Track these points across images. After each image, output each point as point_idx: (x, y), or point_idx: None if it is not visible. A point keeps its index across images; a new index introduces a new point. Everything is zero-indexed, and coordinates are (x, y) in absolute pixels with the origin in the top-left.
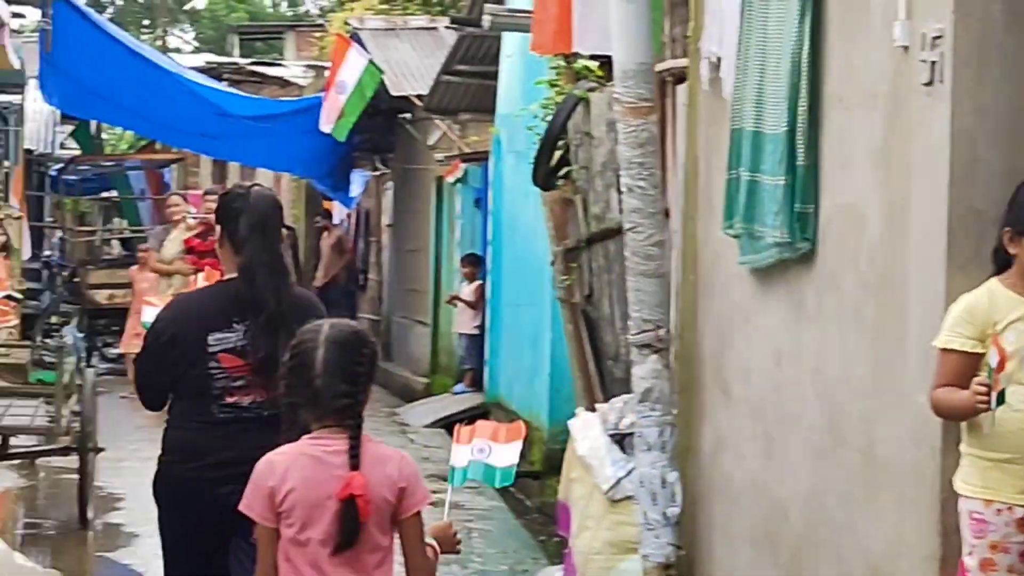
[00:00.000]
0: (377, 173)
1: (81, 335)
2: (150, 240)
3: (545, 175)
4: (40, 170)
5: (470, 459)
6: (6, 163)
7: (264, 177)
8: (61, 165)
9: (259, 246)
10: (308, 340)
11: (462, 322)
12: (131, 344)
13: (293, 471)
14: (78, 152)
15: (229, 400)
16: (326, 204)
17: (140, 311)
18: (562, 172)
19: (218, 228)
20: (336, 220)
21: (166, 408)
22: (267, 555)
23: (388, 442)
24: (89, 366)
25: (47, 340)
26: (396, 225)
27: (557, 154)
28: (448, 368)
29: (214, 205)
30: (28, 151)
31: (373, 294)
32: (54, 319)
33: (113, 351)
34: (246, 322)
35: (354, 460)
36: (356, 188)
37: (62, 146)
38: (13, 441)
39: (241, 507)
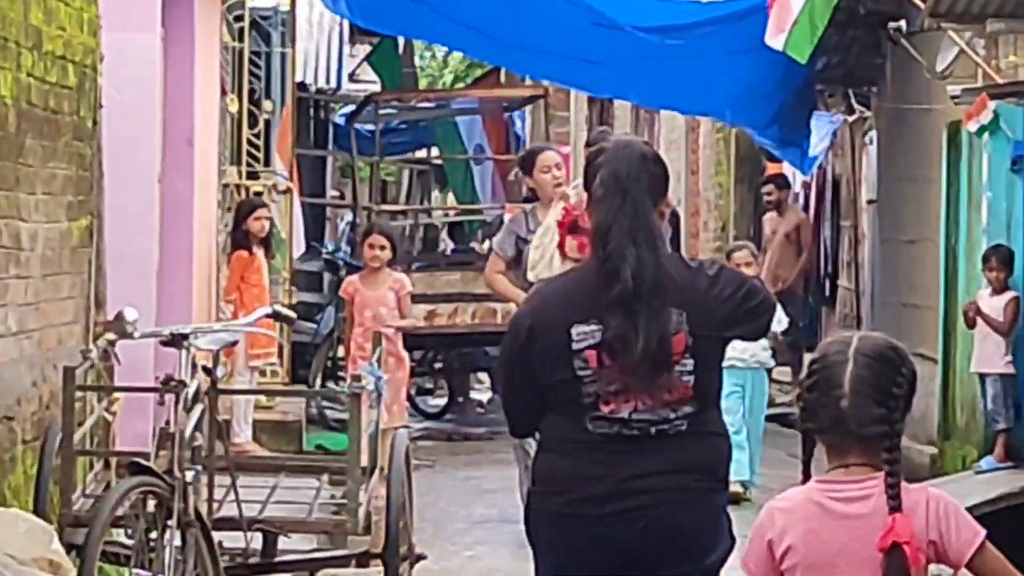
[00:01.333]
0: (852, 118)
1: (387, 376)
2: (497, 239)
3: None
4: (320, 116)
5: None
6: (266, 104)
7: (671, 125)
8: (352, 108)
9: (615, 209)
10: (834, 352)
11: (987, 356)
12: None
13: (795, 522)
14: (377, 88)
15: (604, 410)
16: (772, 167)
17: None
18: None
19: (585, 196)
20: (792, 192)
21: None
22: None
23: None
24: (404, 426)
25: (331, 384)
26: (883, 201)
27: None
28: (968, 430)
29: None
30: (301, 86)
31: (846, 311)
32: (341, 351)
33: (435, 401)
34: (609, 310)
35: (894, 501)
36: (818, 142)
37: (352, 79)
38: (284, 543)
39: (740, 563)
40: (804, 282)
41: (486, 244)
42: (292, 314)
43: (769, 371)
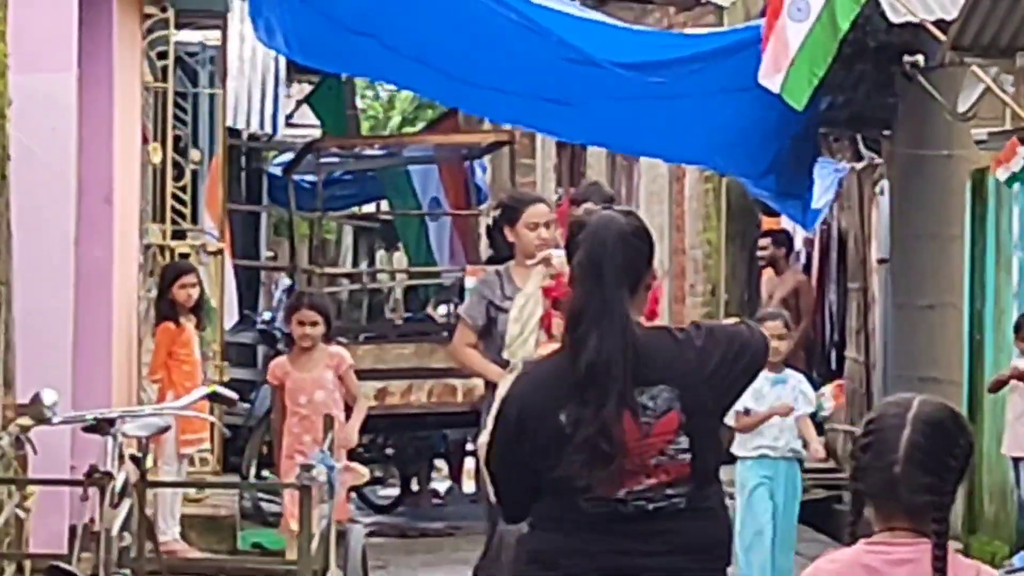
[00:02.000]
0: (860, 165)
1: (338, 466)
2: (466, 306)
3: None
4: (252, 166)
5: None
6: (194, 153)
7: (652, 175)
8: (290, 157)
9: (586, 294)
10: (892, 415)
11: (1020, 437)
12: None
13: None
14: (318, 134)
15: (599, 492)
16: (769, 221)
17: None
18: None
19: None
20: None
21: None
22: None
23: None
24: (351, 520)
25: (267, 473)
26: (896, 260)
27: None
28: (998, 522)
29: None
30: (232, 131)
31: (855, 385)
32: None
33: (385, 491)
34: (569, 398)
35: (941, 568)
36: (823, 193)
37: (289, 123)
38: None
39: None
40: (805, 354)
41: (441, 310)
42: (233, 395)
43: (801, 463)
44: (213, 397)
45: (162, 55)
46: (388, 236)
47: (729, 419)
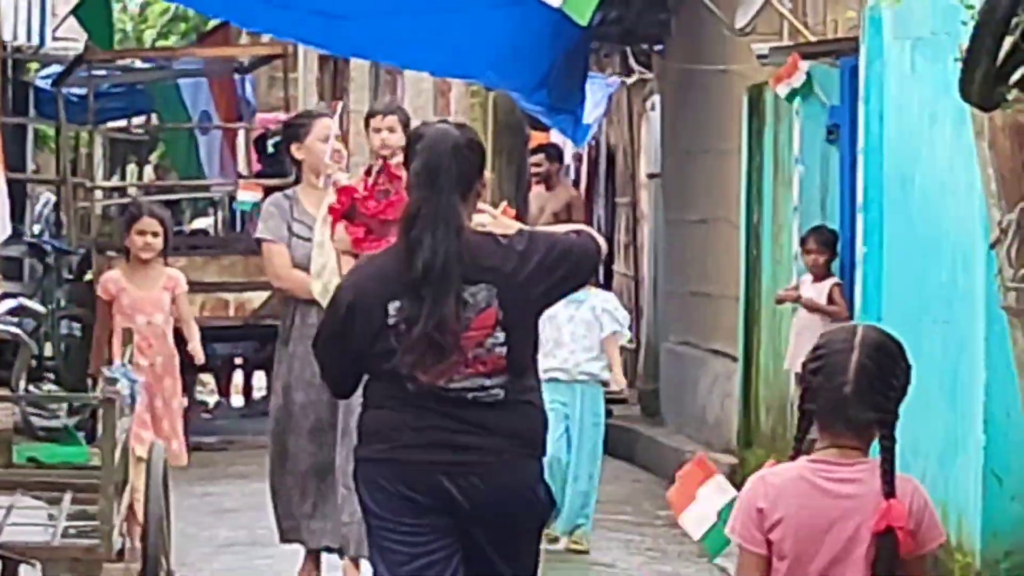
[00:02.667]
0: (631, 81)
1: (134, 379)
2: (268, 227)
3: (984, 82)
4: (17, 78)
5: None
6: None
7: (417, 89)
8: (56, 70)
9: (422, 199)
10: (840, 341)
11: (805, 350)
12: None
13: (788, 496)
14: (86, 47)
15: (422, 379)
16: (537, 136)
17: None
18: (1017, 77)
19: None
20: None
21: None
22: None
23: (678, 565)
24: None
25: (35, 387)
26: (667, 175)
27: (1007, 45)
28: (775, 436)
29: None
30: (2, 44)
31: (624, 300)
32: (49, 349)
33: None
34: (404, 293)
35: (888, 487)
36: (593, 108)
37: (55, 37)
38: (27, 571)
39: (727, 528)
40: None
41: (199, 223)
42: (41, 308)
43: (605, 385)
44: (21, 311)
45: None
46: (139, 150)
47: None
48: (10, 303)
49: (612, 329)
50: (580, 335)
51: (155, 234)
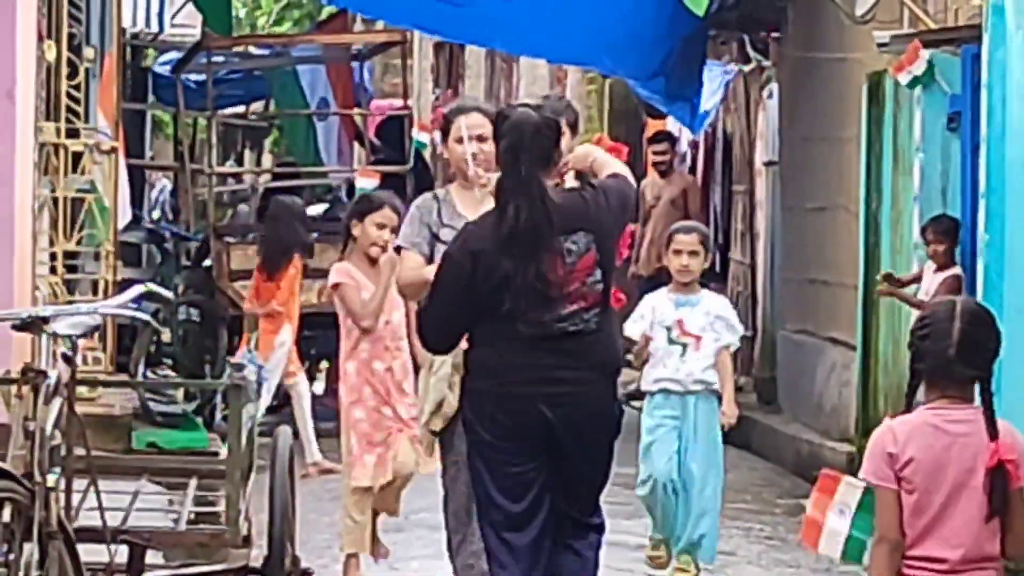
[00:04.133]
0: (748, 68)
1: (260, 365)
2: (405, 233)
3: None
4: (137, 65)
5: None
6: (87, 51)
7: (532, 76)
8: (173, 56)
9: (508, 174)
10: (943, 311)
11: None
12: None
13: (915, 438)
14: (203, 33)
15: (530, 316)
16: (653, 124)
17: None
18: None
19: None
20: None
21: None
22: (885, 515)
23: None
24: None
25: (153, 373)
26: (785, 163)
27: None
28: None
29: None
30: (125, 32)
31: (740, 288)
32: (167, 335)
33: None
34: (503, 251)
35: (993, 429)
36: (710, 96)
37: (174, 24)
38: (152, 555)
39: (861, 472)
40: None
41: (315, 209)
42: (169, 294)
43: (719, 396)
44: (149, 296)
45: None
46: (254, 136)
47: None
48: (138, 289)
49: (727, 341)
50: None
51: (393, 229)
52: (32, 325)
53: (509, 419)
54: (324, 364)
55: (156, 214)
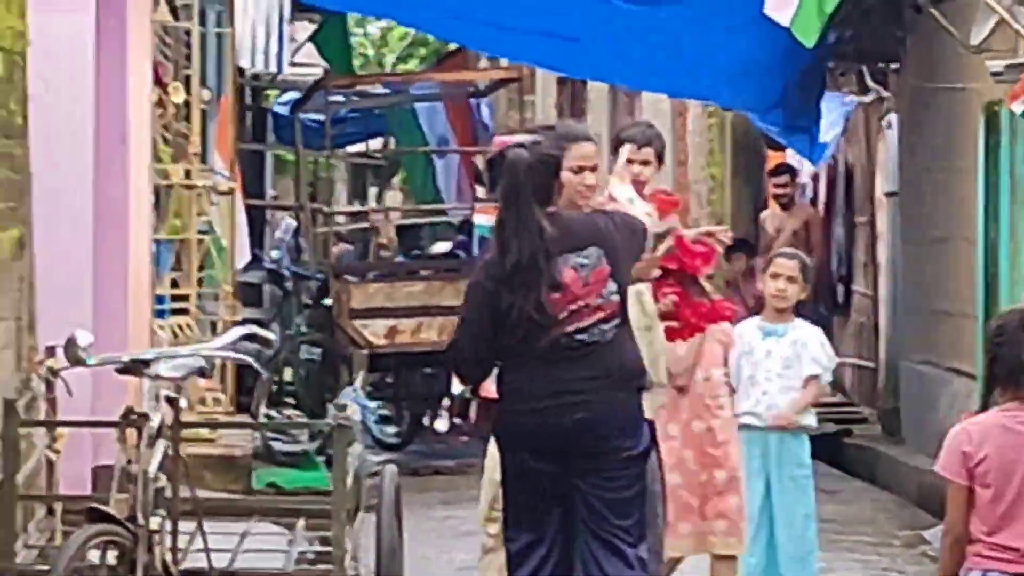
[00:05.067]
0: (867, 99)
1: (374, 404)
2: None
3: None
4: (256, 105)
5: None
6: (204, 92)
7: (655, 110)
8: (295, 96)
9: (507, 211)
10: (1016, 319)
11: None
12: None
13: (988, 438)
14: (317, 73)
15: (554, 333)
16: (774, 156)
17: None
18: None
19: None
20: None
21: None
22: (953, 511)
23: None
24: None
25: (277, 412)
26: (905, 194)
27: None
28: None
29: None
30: (240, 71)
31: (863, 319)
32: (289, 374)
33: (394, 429)
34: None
35: None
36: (829, 127)
37: (294, 63)
38: None
39: (936, 467)
40: (814, 288)
41: (439, 247)
42: (271, 335)
43: (808, 435)
44: (251, 338)
45: None
46: (382, 174)
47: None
48: (240, 330)
49: (812, 372)
50: (777, 372)
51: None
52: (134, 368)
53: (533, 437)
54: (446, 402)
55: (276, 253)
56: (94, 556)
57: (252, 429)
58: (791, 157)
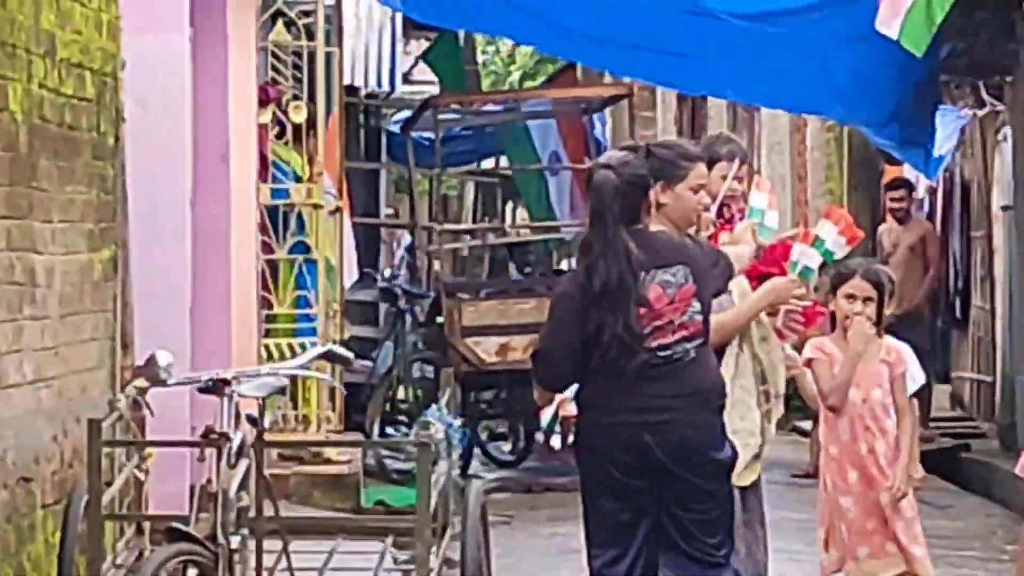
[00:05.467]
0: (983, 112)
1: (460, 423)
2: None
3: None
4: (370, 124)
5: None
6: (311, 109)
7: (773, 125)
8: (407, 114)
9: (596, 230)
10: None
11: None
12: None
13: None
14: (435, 90)
15: (637, 349)
16: (891, 170)
17: None
18: None
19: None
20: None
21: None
22: None
23: None
24: (470, 475)
25: (393, 430)
26: (1021, 207)
27: None
28: None
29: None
30: (349, 89)
31: (980, 333)
32: (402, 392)
33: (509, 447)
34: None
35: None
36: (944, 141)
37: (406, 80)
38: None
39: (1018, 468)
40: (931, 302)
41: (564, 264)
42: (349, 354)
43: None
44: (329, 356)
45: (307, 13)
46: (507, 191)
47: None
48: (318, 349)
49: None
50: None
51: (867, 299)
52: (214, 388)
53: (617, 452)
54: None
55: (388, 272)
56: None
57: (340, 447)
58: (908, 172)
